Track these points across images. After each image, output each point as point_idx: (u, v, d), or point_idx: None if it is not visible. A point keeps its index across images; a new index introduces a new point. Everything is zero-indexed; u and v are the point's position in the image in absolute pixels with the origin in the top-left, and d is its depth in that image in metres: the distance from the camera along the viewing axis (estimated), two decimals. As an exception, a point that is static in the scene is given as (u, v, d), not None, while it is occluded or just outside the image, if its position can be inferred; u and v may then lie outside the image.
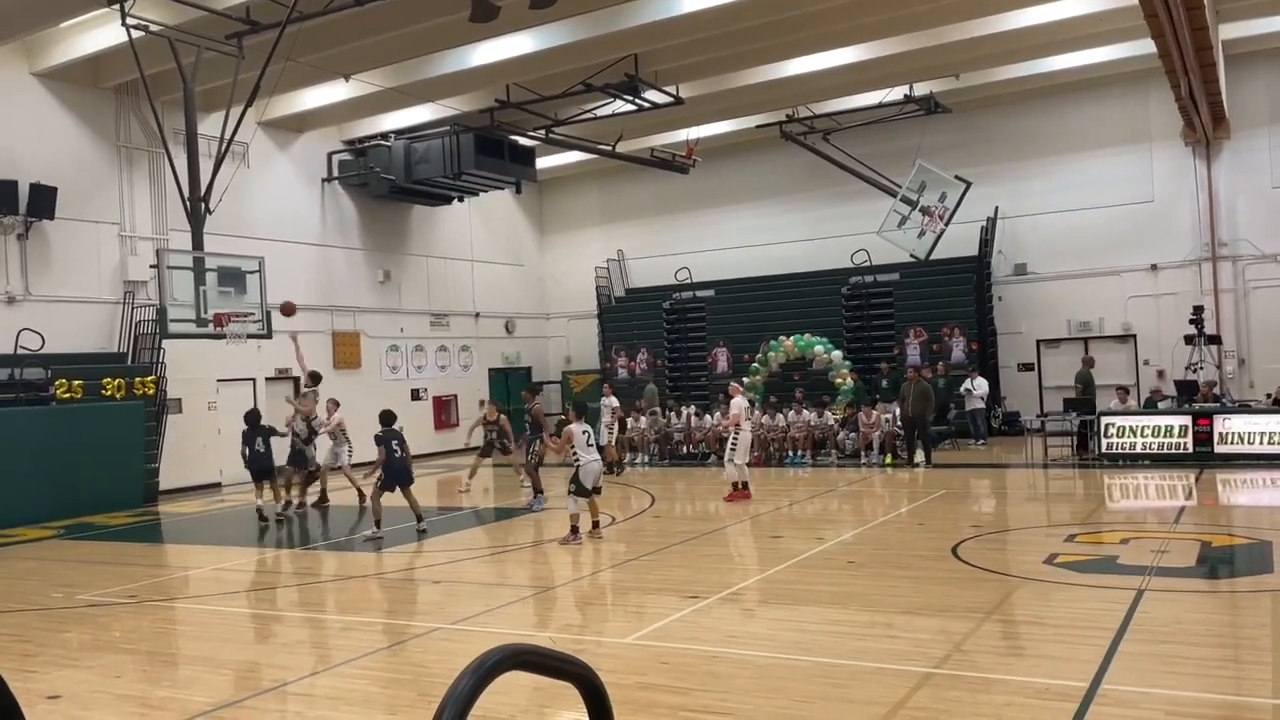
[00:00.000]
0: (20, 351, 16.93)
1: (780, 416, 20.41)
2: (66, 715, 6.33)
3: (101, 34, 16.87)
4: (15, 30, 16.44)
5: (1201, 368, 19.45)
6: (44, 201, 17.55)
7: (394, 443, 13.13)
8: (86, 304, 18.66)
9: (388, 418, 13.62)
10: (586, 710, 1.86)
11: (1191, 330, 19.66)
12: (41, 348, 17.20)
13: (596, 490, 12.02)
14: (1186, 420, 16.81)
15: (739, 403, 15.08)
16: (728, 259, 27.12)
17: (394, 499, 12.97)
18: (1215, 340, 20.59)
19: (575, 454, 11.79)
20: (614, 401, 20.37)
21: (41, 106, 18.23)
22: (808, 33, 18.20)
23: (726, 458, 15.18)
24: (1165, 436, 16.86)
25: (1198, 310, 19.94)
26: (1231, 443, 16.38)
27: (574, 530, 11.69)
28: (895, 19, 17.81)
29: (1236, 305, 22.18)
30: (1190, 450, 16.58)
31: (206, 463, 20.16)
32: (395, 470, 12.94)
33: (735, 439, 14.86)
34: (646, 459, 21.52)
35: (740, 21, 17.23)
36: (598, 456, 12.21)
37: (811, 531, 12.41)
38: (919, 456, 18.41)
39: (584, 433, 11.87)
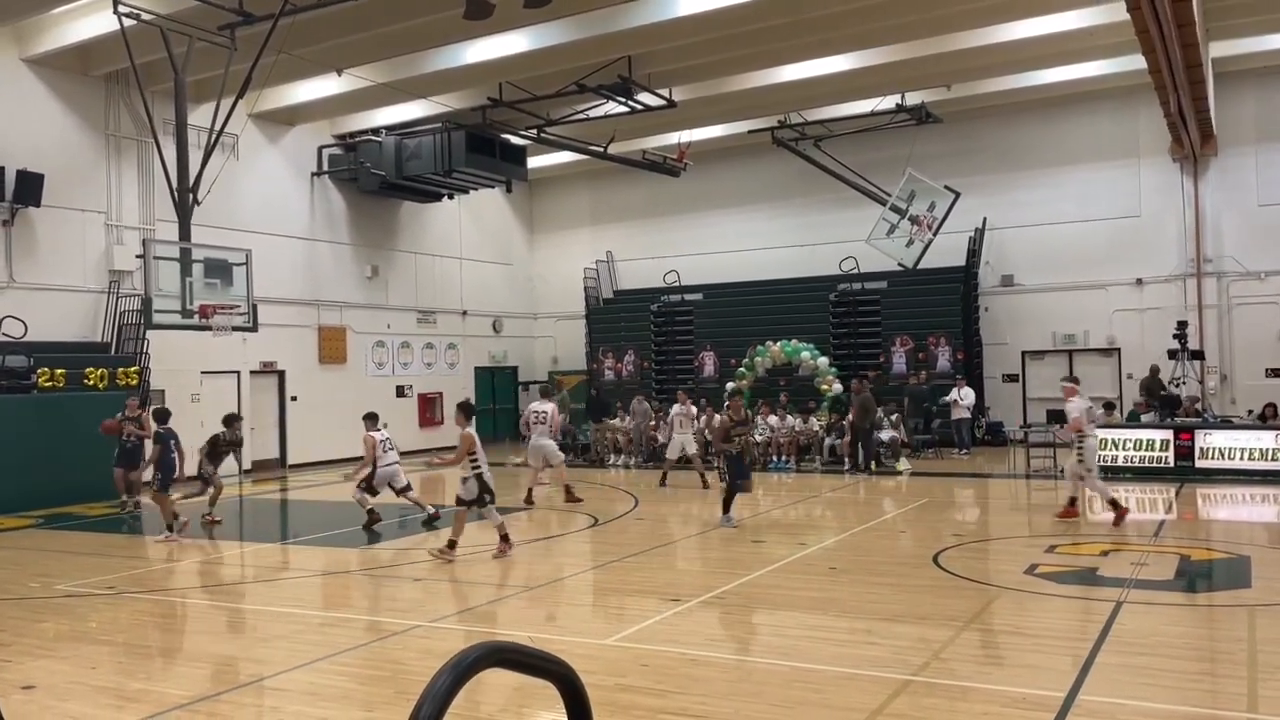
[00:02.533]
0: (3, 339, 16.81)
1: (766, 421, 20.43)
2: (41, 706, 6.28)
3: (93, 22, 16.78)
4: (7, 16, 16.35)
5: (1184, 383, 19.58)
6: (30, 188, 17.43)
7: (171, 442, 13.08)
8: (71, 293, 18.54)
9: (163, 415, 13.38)
10: (565, 710, 1.85)
11: (1175, 345, 19.80)
12: (24, 335, 17.09)
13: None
14: (1168, 434, 16.91)
15: (1080, 405, 12.69)
16: (717, 263, 27.17)
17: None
18: (1198, 355, 20.74)
19: (475, 460, 10.81)
20: (691, 409, 18.68)
21: (30, 93, 18.11)
22: (801, 39, 18.25)
23: (1073, 468, 12.81)
24: (1147, 450, 16.96)
25: (1181, 325, 20.09)
26: (1212, 458, 16.49)
27: (505, 539, 11.04)
28: (888, 28, 17.86)
29: (1220, 321, 22.34)
30: (1171, 464, 16.68)
31: (188, 455, 20.00)
32: (169, 469, 12.95)
33: (1083, 445, 12.57)
34: (631, 461, 21.51)
35: (734, 26, 17.26)
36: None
37: (794, 537, 12.43)
38: (848, 464, 19.05)
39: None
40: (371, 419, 13.95)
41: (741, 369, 23.42)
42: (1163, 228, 22.83)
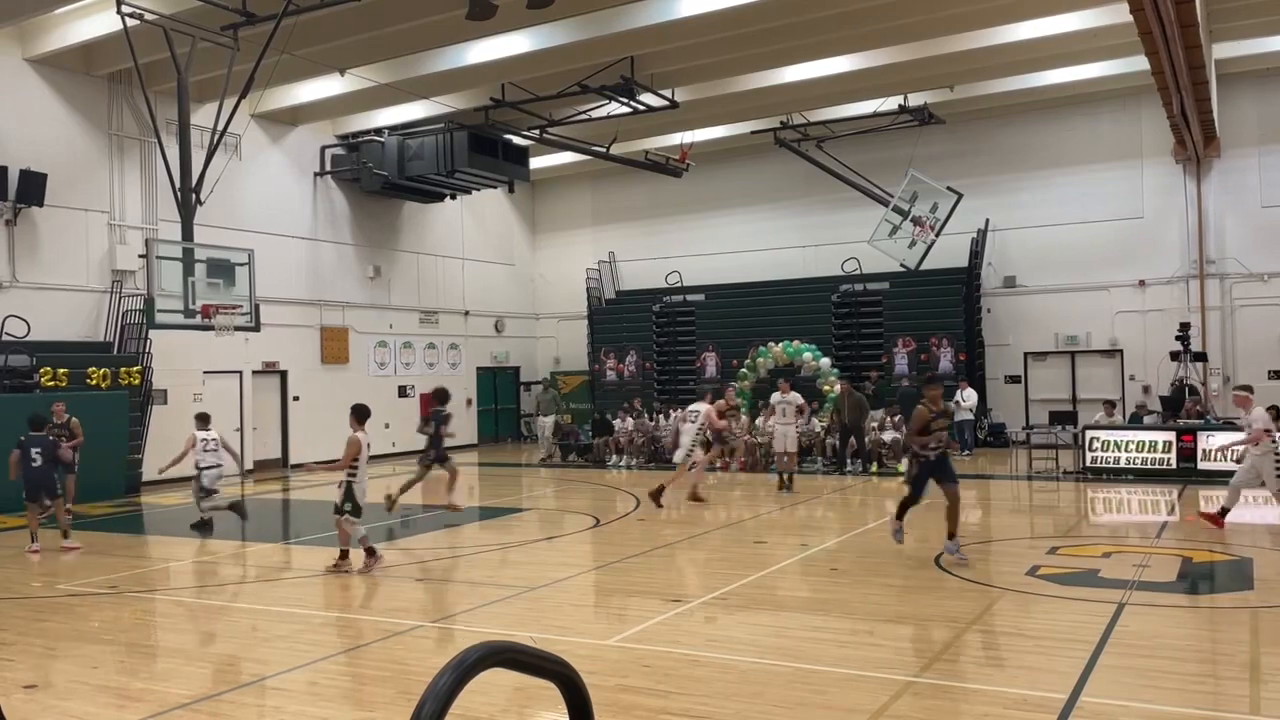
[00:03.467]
0: (6, 338, 16.83)
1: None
2: (43, 705, 6.28)
3: (96, 21, 16.80)
4: (10, 15, 16.34)
5: (1187, 385, 19.56)
6: (33, 188, 17.45)
7: (34, 450, 12.13)
8: (74, 292, 18.55)
9: (36, 421, 12.48)
10: (567, 710, 1.85)
11: (1178, 347, 19.78)
12: (27, 335, 17.10)
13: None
14: (1171, 436, 16.89)
15: (1263, 413, 11.69)
16: (719, 264, 27.17)
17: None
18: (1201, 357, 20.73)
19: (355, 468, 10.36)
20: (797, 398, 17.10)
21: (34, 93, 18.13)
22: (804, 40, 18.25)
23: (1239, 479, 11.94)
24: (1149, 452, 16.93)
25: (1184, 327, 20.06)
26: (1215, 459, 16.44)
27: (370, 551, 10.43)
28: (891, 29, 17.86)
29: (1223, 323, 22.32)
30: (1174, 466, 16.66)
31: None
32: (32, 480, 12.08)
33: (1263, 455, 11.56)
34: (632, 462, 21.51)
35: (737, 27, 17.27)
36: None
37: (796, 538, 12.43)
38: (853, 465, 19.07)
39: (367, 444, 10.49)
40: (202, 419, 14.08)
41: (743, 370, 23.42)
42: (1165, 229, 22.81)
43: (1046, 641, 7.26)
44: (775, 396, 17.15)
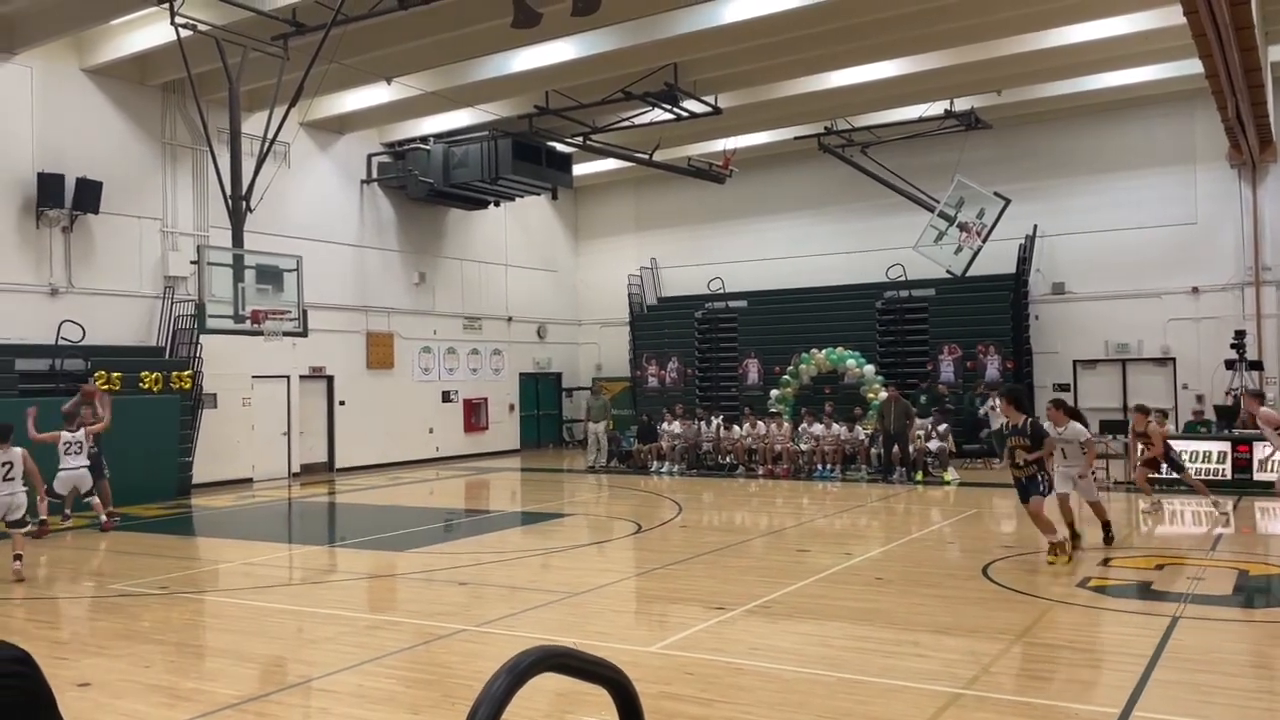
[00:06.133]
0: (61, 343, 17.21)
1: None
2: (96, 703, 6.40)
3: (150, 32, 17.14)
4: (67, 27, 16.74)
5: (1242, 394, 19.12)
6: (89, 196, 17.83)
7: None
8: (127, 298, 18.92)
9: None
10: (618, 715, 1.84)
11: (1233, 355, 19.36)
12: (82, 339, 17.47)
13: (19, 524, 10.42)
14: (1226, 446, 16.54)
15: None
16: (762, 270, 27.07)
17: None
18: (1257, 366, 20.27)
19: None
20: (1081, 432, 11.33)
21: (90, 102, 18.53)
22: (848, 45, 18.15)
23: None
24: (1204, 462, 16.59)
25: (1239, 335, 19.64)
26: (1271, 470, 16.08)
27: (18, 558, 10.37)
28: (938, 34, 17.71)
29: (1279, 331, 21.80)
30: (1229, 477, 16.31)
31: (239, 458, 20.38)
32: None
33: None
34: (675, 469, 21.46)
35: (781, 33, 17.21)
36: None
37: (840, 546, 12.33)
38: (898, 473, 18.78)
39: (4, 465, 10.16)
40: None
41: (786, 376, 23.30)
42: (1220, 235, 22.34)
43: (1098, 655, 7.14)
44: (1049, 428, 11.25)
